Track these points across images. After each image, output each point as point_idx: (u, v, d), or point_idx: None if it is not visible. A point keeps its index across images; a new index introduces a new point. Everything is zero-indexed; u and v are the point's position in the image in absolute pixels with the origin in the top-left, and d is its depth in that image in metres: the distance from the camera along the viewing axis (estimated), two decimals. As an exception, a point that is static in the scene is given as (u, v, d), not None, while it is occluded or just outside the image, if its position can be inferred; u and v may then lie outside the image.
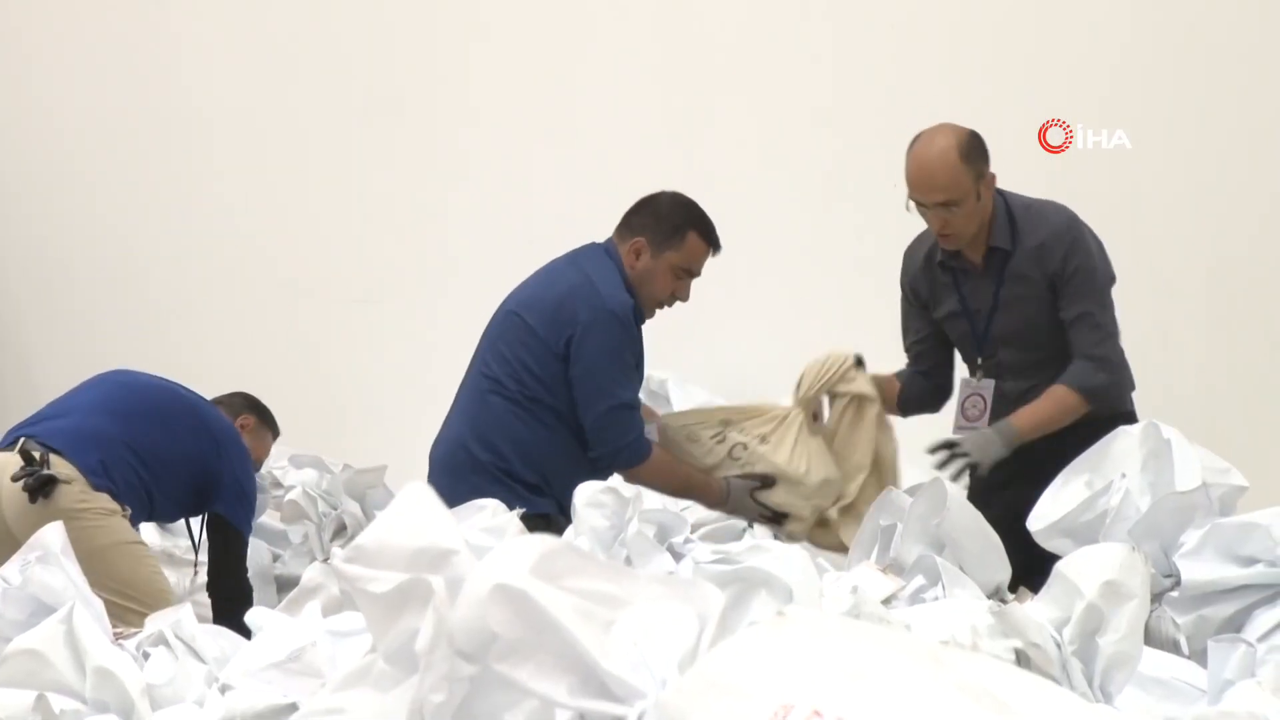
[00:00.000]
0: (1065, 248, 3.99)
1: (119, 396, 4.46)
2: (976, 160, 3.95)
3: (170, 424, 4.40)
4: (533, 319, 4.16)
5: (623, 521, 3.37)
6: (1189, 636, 3.06)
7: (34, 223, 7.76)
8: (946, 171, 3.90)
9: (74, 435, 4.29)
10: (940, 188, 3.91)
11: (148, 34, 7.48)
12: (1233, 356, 5.58)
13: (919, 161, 3.95)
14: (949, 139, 3.93)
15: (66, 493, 4.16)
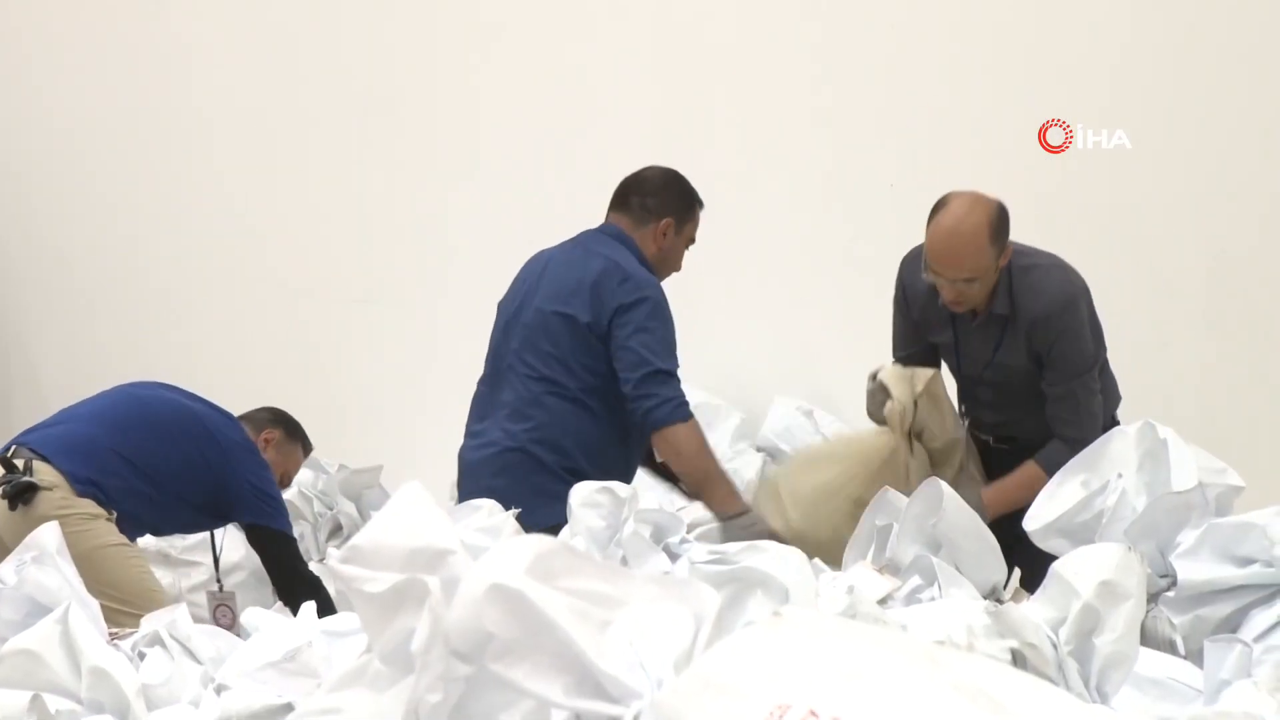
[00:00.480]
0: (1056, 333, 3.92)
1: (120, 406, 4.46)
2: (1002, 237, 3.85)
3: (168, 434, 4.39)
4: (573, 309, 4.17)
5: (619, 521, 3.37)
6: (1185, 636, 3.06)
7: (34, 222, 7.77)
8: (976, 253, 3.81)
9: (62, 442, 4.30)
10: (968, 268, 3.83)
11: (148, 33, 7.48)
12: (1231, 357, 5.57)
13: (948, 238, 3.83)
14: (980, 218, 3.80)
15: (47, 499, 4.16)
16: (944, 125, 5.94)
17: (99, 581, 4.02)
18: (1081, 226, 5.75)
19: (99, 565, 4.09)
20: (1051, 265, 3.98)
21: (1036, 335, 3.95)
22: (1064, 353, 3.94)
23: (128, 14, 7.53)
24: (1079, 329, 3.95)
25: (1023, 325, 3.94)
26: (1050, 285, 3.93)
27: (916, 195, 6.01)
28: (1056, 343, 3.93)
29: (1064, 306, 3.92)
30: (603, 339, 4.13)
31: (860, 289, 5.88)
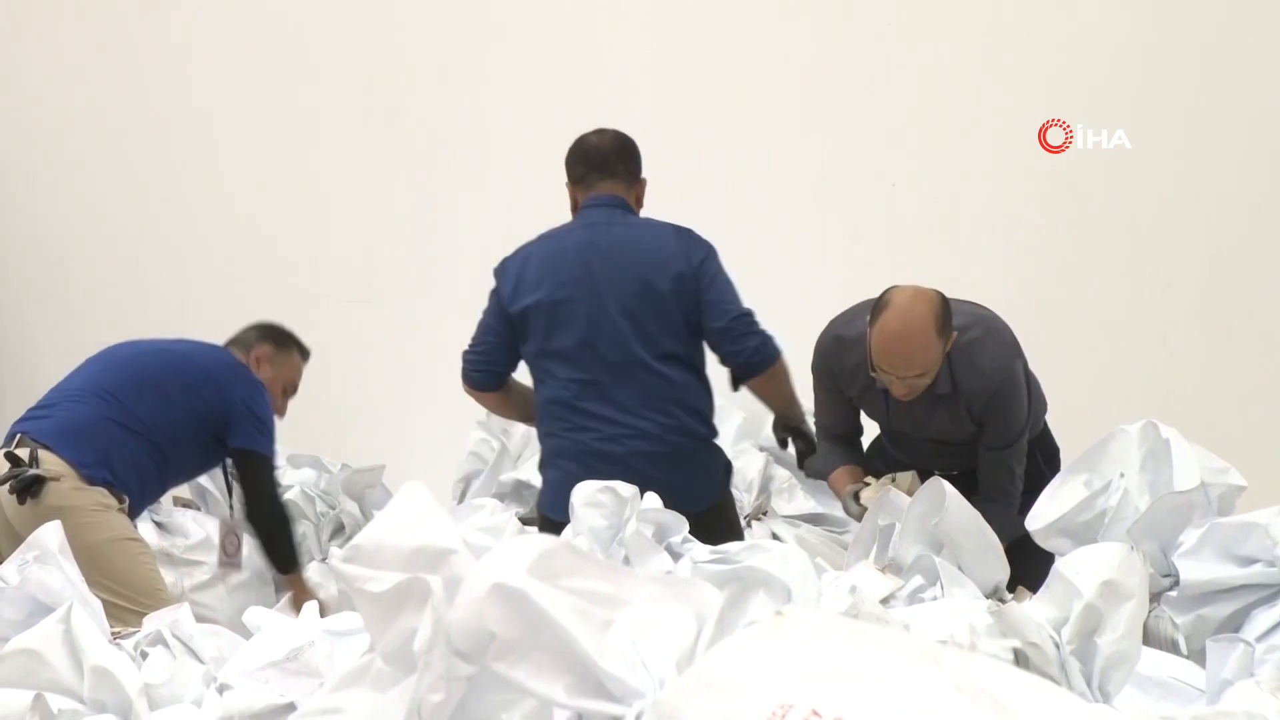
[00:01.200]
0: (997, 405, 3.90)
1: (111, 373, 4.44)
2: (948, 328, 3.79)
3: (164, 387, 4.39)
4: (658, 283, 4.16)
5: (621, 521, 3.37)
6: (1187, 636, 3.06)
7: (36, 221, 7.76)
8: (925, 351, 3.74)
9: (64, 428, 4.28)
10: (918, 365, 3.76)
11: (149, 32, 7.48)
12: (1231, 356, 5.57)
13: (897, 341, 3.74)
14: (925, 316, 3.73)
15: (55, 490, 4.16)
16: (944, 125, 5.94)
17: (105, 575, 4.03)
18: (1081, 226, 5.75)
19: (106, 559, 4.09)
20: (985, 335, 3.93)
21: (976, 407, 3.93)
22: (1004, 420, 3.93)
23: (129, 13, 7.53)
24: (1019, 397, 3.93)
25: (963, 399, 3.92)
26: (987, 360, 3.89)
27: (917, 195, 6.04)
28: (997, 412, 3.91)
29: (1004, 379, 3.89)
30: (688, 301, 4.15)
31: (861, 288, 5.86)
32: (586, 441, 4.15)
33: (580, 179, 4.27)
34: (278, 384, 4.73)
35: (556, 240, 4.26)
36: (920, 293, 3.77)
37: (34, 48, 7.71)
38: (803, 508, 5.20)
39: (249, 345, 4.76)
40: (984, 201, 5.89)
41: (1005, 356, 3.91)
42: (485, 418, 6.19)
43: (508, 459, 6.10)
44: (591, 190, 4.26)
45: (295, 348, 4.86)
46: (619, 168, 4.28)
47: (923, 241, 5.97)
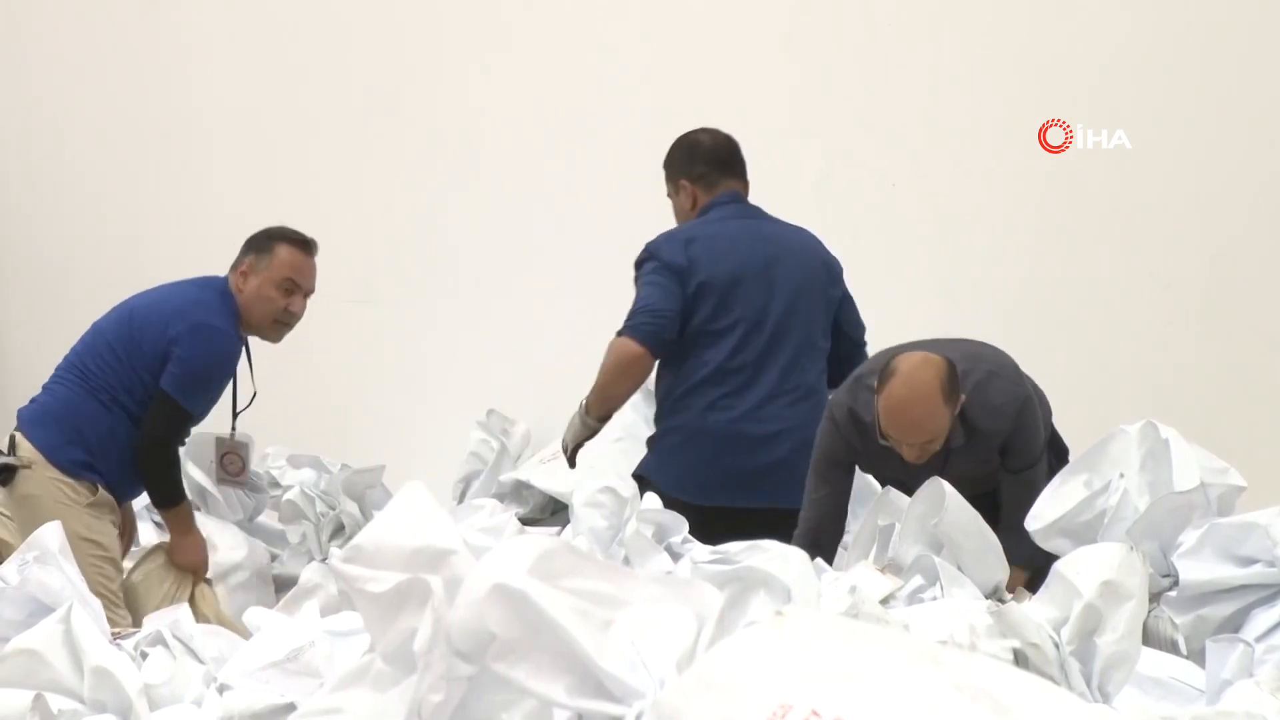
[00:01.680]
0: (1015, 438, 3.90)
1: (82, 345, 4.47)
2: (956, 393, 3.77)
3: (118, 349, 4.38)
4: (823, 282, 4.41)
5: (621, 521, 3.38)
6: (1187, 636, 3.06)
7: (34, 221, 7.76)
8: (933, 419, 3.73)
9: (41, 411, 4.37)
10: (927, 432, 3.75)
11: (148, 34, 7.48)
12: (1231, 356, 5.57)
13: (904, 411, 3.72)
14: (932, 384, 3.71)
15: (25, 477, 4.27)
16: (944, 125, 5.94)
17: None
18: (1081, 226, 5.75)
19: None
20: (988, 374, 3.91)
21: (997, 443, 3.92)
22: (1027, 444, 3.92)
23: (128, 14, 7.53)
24: (1036, 421, 3.93)
25: (981, 440, 3.91)
26: (999, 398, 3.88)
27: (917, 195, 6.04)
28: (1021, 442, 3.91)
29: (1019, 410, 3.89)
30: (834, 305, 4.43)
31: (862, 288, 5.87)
32: (732, 422, 4.20)
33: (701, 177, 4.40)
34: (268, 287, 4.55)
35: (722, 226, 4.35)
36: (926, 360, 3.76)
37: (34, 48, 7.71)
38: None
39: (238, 262, 4.62)
40: (984, 202, 5.89)
41: (1014, 389, 3.90)
42: (485, 418, 6.20)
43: (507, 459, 6.11)
44: (717, 188, 4.40)
45: (281, 241, 4.64)
46: (740, 167, 4.46)
47: (923, 242, 5.97)
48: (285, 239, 4.64)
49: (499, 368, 6.56)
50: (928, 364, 3.75)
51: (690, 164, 4.42)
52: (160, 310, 4.43)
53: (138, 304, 4.51)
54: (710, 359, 4.23)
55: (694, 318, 4.27)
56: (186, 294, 4.50)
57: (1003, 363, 3.97)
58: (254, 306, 4.51)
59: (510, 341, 6.58)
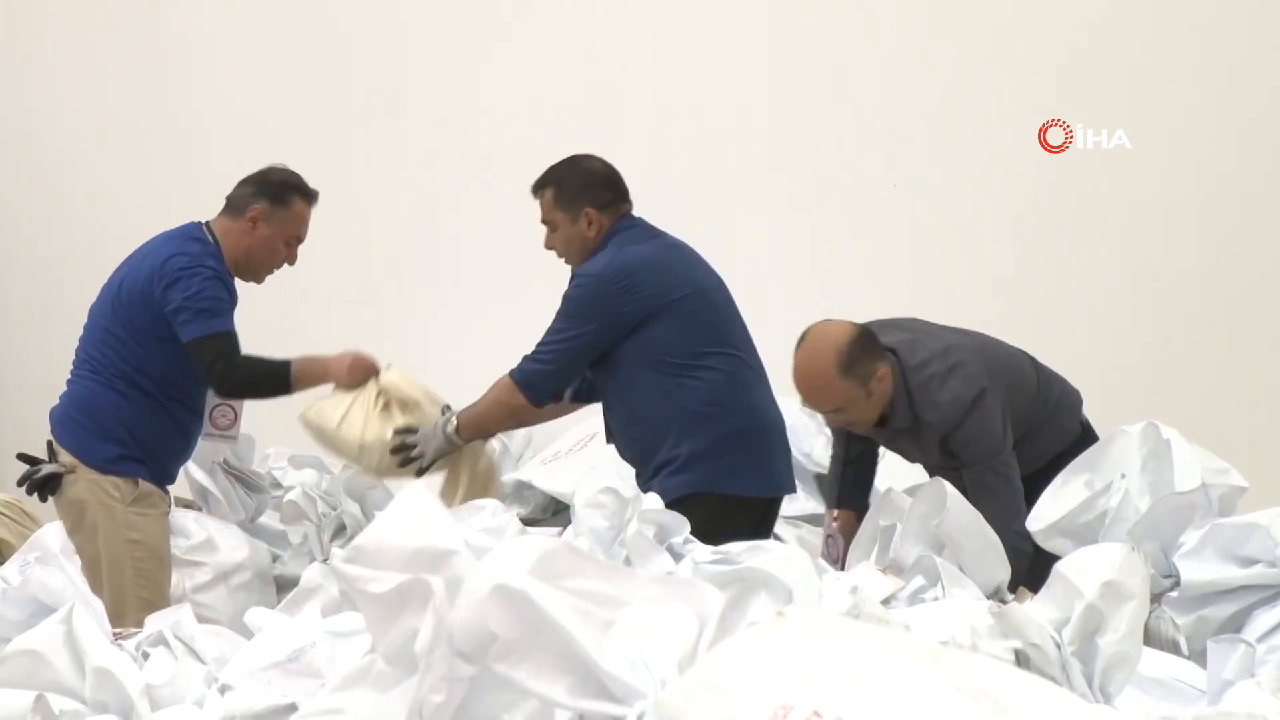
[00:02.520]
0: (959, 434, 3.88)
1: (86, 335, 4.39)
2: (860, 368, 3.82)
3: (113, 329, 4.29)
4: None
5: (622, 522, 3.37)
6: (1188, 637, 3.06)
7: (34, 221, 7.76)
8: (828, 390, 3.82)
9: (65, 412, 4.27)
10: (825, 402, 3.87)
11: (147, 32, 7.48)
12: (1232, 356, 5.57)
13: (800, 379, 3.88)
14: (827, 356, 3.80)
15: (70, 482, 4.18)
16: (944, 125, 5.94)
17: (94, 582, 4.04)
18: (1081, 226, 5.75)
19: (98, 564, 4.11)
20: (947, 371, 3.91)
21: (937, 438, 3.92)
22: (971, 446, 3.89)
23: (128, 13, 7.53)
24: (983, 426, 3.88)
25: (927, 433, 3.93)
26: (945, 395, 3.88)
27: (918, 195, 6.04)
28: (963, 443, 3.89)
29: (963, 413, 3.87)
30: None
31: (863, 288, 5.88)
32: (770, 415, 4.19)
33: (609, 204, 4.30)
34: (278, 240, 4.44)
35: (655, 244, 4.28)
36: (827, 333, 3.84)
37: (33, 48, 7.71)
38: (804, 508, 5.20)
39: (244, 204, 4.45)
40: (984, 202, 5.89)
41: (963, 391, 3.87)
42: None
43: (509, 460, 6.10)
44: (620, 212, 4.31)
45: (297, 195, 4.51)
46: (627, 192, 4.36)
47: (924, 242, 5.97)
48: (300, 191, 4.53)
49: (500, 368, 6.54)
50: (826, 336, 3.85)
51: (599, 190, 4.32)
52: (141, 272, 4.30)
53: (121, 278, 4.40)
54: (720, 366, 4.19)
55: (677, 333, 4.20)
56: (160, 251, 4.35)
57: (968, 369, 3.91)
58: (257, 254, 4.41)
59: (511, 341, 6.55)
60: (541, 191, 4.34)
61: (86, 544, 4.13)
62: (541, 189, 4.34)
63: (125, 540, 4.18)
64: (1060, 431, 4.07)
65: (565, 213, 4.30)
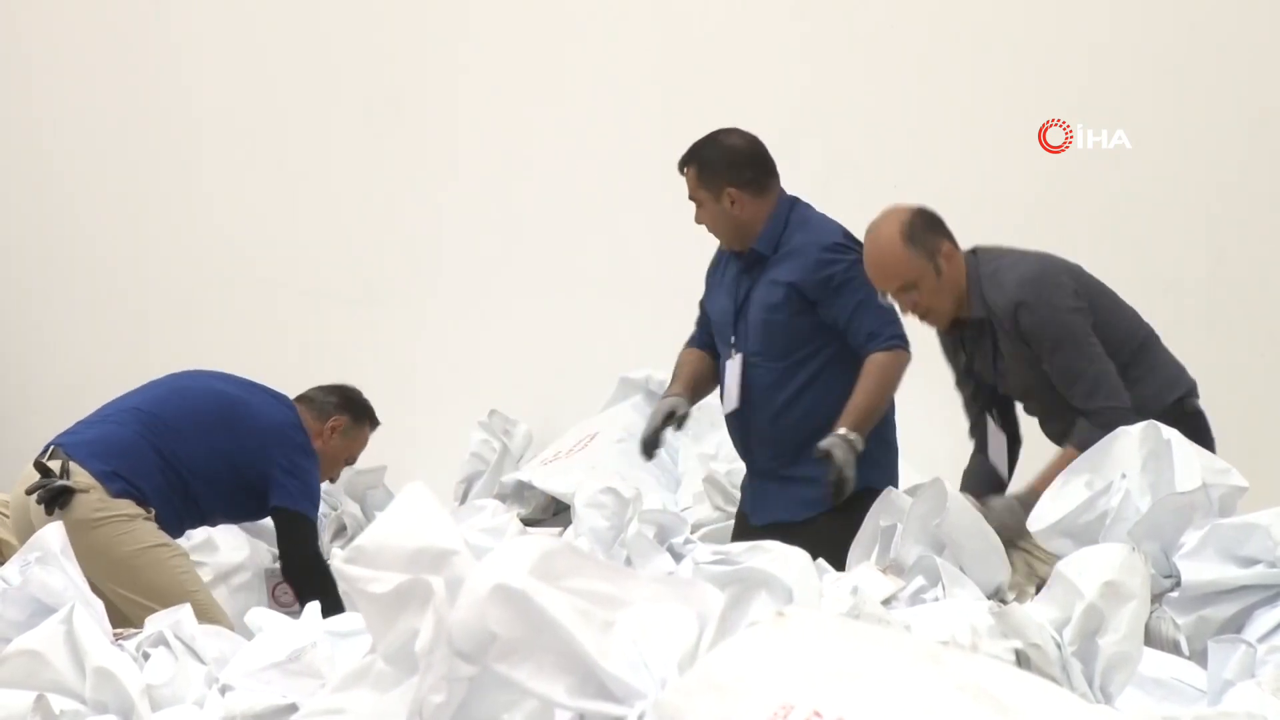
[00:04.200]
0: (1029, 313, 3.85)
1: (160, 402, 4.40)
2: (925, 238, 3.88)
3: (203, 426, 4.32)
4: None
5: (623, 522, 3.38)
6: (1189, 637, 3.06)
7: (34, 221, 7.76)
8: (895, 260, 3.85)
9: (96, 443, 4.25)
10: (893, 275, 3.87)
11: (141, 35, 7.48)
12: (1232, 357, 5.57)
13: (867, 256, 3.93)
14: (892, 226, 3.88)
15: (84, 502, 4.12)
16: (944, 125, 5.94)
17: (138, 586, 4.02)
18: (1081, 226, 5.75)
19: (139, 569, 4.07)
20: (1019, 258, 3.95)
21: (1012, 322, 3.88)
22: (1041, 325, 3.85)
23: (126, 17, 7.53)
24: (1051, 301, 3.86)
25: (1002, 320, 3.89)
26: (1011, 274, 3.90)
27: (918, 195, 6.02)
28: (1031, 320, 3.85)
29: (1030, 286, 3.86)
30: None
31: (862, 289, 5.87)
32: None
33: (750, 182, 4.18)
34: (343, 454, 4.67)
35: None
36: (894, 208, 3.93)
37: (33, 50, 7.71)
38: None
39: (326, 412, 4.61)
40: (984, 201, 5.89)
41: (1033, 268, 3.89)
42: (487, 418, 6.20)
43: (509, 460, 6.10)
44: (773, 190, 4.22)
45: (368, 420, 4.75)
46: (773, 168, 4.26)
47: (924, 242, 5.97)
48: (372, 419, 4.77)
49: (501, 368, 6.55)
50: (894, 210, 3.93)
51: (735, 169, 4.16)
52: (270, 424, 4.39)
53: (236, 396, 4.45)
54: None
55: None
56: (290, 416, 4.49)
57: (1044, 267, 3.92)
58: (325, 461, 4.57)
59: (513, 341, 6.58)
60: (686, 168, 4.20)
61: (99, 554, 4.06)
62: (683, 166, 4.20)
63: (157, 545, 4.17)
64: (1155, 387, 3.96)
65: (708, 191, 4.16)
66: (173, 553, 4.21)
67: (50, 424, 4.68)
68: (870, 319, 4.03)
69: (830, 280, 4.08)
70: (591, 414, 6.01)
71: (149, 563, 4.11)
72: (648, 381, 5.85)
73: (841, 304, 4.06)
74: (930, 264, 3.86)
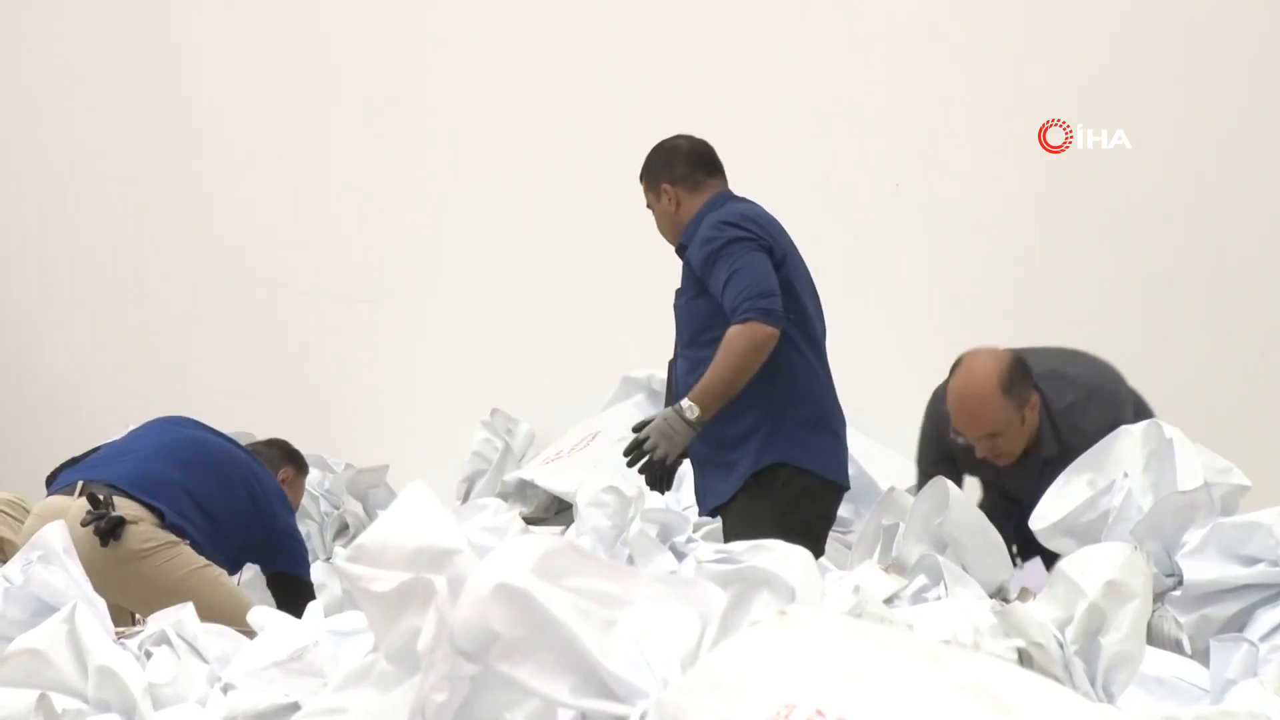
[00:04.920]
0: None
1: (182, 445, 4.48)
2: (1019, 388, 3.80)
3: (228, 481, 4.43)
4: None
5: (625, 521, 3.38)
6: (1191, 636, 3.06)
7: (35, 221, 7.77)
8: (991, 411, 3.78)
9: (139, 477, 4.30)
10: (986, 425, 3.79)
11: (142, 35, 7.49)
12: (1233, 356, 5.57)
13: (960, 399, 3.82)
14: (990, 375, 3.78)
15: (135, 533, 4.17)
16: (944, 126, 5.94)
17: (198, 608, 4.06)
18: (1081, 226, 5.76)
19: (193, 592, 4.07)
20: (1086, 396, 3.92)
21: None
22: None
23: (120, 17, 7.53)
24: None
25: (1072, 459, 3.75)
26: (1088, 422, 3.82)
27: (919, 195, 6.03)
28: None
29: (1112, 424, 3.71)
30: None
31: (862, 288, 5.87)
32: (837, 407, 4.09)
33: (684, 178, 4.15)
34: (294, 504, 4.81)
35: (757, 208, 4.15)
36: (988, 352, 3.85)
37: (34, 47, 7.71)
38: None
39: (276, 465, 4.76)
40: (985, 201, 5.90)
41: (1111, 412, 3.84)
42: (489, 417, 6.20)
43: (511, 459, 6.11)
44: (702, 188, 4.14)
45: (304, 471, 4.97)
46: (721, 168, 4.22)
47: (925, 242, 5.98)
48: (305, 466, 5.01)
49: (503, 367, 6.56)
50: (989, 356, 3.83)
51: (670, 166, 4.17)
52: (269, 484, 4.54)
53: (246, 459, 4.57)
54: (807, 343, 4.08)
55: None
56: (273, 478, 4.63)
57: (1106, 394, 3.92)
58: None
59: (514, 340, 6.58)
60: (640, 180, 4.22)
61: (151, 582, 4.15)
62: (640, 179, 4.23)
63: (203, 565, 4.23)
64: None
65: (652, 193, 4.18)
66: (216, 573, 4.28)
67: (50, 423, 4.69)
68: (733, 291, 3.85)
69: (709, 257, 3.93)
70: (593, 413, 6.02)
71: (202, 584, 4.17)
72: (650, 380, 5.85)
73: (715, 279, 3.90)
74: (1018, 414, 3.81)
